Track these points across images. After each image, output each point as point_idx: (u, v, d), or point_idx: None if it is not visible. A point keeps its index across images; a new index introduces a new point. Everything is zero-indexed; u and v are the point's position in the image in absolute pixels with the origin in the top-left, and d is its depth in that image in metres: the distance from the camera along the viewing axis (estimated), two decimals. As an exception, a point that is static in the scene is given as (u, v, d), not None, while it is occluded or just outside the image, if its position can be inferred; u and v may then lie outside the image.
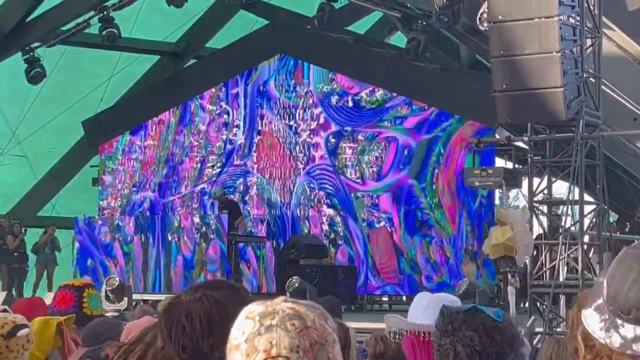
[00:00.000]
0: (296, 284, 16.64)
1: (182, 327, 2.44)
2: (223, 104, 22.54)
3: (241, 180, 22.01)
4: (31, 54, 22.28)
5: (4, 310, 4.21)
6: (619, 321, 2.01)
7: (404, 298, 22.42)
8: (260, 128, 22.01)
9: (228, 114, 22.46)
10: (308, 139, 21.40)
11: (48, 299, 16.19)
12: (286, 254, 20.20)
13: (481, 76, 21.99)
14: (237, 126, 22.31)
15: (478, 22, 13.09)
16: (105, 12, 21.60)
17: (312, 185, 21.25)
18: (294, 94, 21.72)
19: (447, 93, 20.18)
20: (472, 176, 13.76)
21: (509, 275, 12.06)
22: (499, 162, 19.31)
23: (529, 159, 13.45)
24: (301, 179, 21.25)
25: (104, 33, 21.68)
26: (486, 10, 13.26)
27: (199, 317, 2.43)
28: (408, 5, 21.04)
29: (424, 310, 3.62)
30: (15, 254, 22.48)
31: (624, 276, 2.03)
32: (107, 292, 16.92)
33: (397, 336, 3.72)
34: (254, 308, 2.07)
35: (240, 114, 22.29)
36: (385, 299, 22.29)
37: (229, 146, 22.33)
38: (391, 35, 25.75)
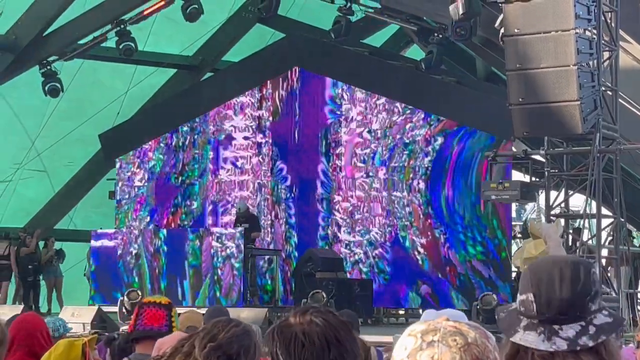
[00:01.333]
0: (322, 299, 16.60)
1: (302, 344, 2.63)
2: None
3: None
4: (48, 67, 22.36)
5: None
6: (556, 327, 2.14)
7: (420, 311, 22.39)
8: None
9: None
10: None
11: (64, 313, 16.25)
12: (302, 268, 20.20)
13: (497, 89, 22.01)
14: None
15: (500, 39, 12.98)
16: (122, 26, 21.68)
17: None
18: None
19: (463, 106, 20.18)
20: (488, 190, 13.72)
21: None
22: (516, 175, 19.29)
23: (546, 173, 13.41)
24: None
25: (120, 46, 21.76)
26: (502, 25, 13.23)
27: (315, 335, 2.63)
28: (424, 18, 21.08)
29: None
30: (30, 266, 22.53)
31: (549, 282, 2.16)
32: (126, 305, 17.01)
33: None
34: (416, 326, 2.19)
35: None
36: (401, 312, 22.24)
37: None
38: (407, 48, 25.77)
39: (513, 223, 21.99)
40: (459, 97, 20.61)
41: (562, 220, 12.80)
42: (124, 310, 17.03)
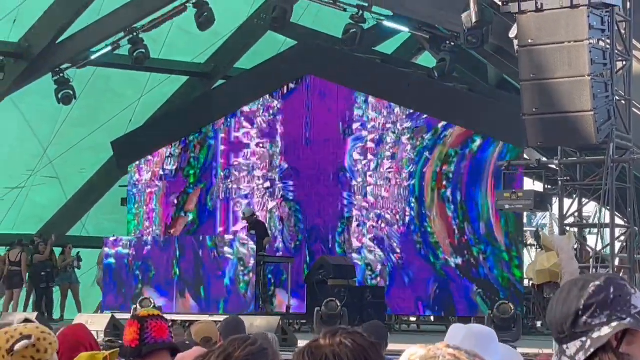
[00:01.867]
0: (337, 307, 16.63)
1: None
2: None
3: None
4: (61, 75, 22.43)
5: (26, 320, 4.15)
6: (564, 346, 2.21)
7: (432, 318, 22.39)
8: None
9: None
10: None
11: (78, 320, 16.30)
12: (315, 275, 20.23)
13: (509, 97, 22.02)
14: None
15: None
16: (134, 34, 21.74)
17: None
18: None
19: (475, 113, 20.21)
20: (502, 199, 13.74)
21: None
22: (527, 183, 19.30)
23: (560, 182, 13.43)
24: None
25: (133, 54, 21.82)
26: (515, 35, 13.27)
27: (345, 356, 2.63)
28: (436, 26, 21.11)
29: (460, 342, 3.62)
30: (42, 273, 22.63)
31: (555, 303, 2.27)
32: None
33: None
34: (416, 351, 2.22)
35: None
36: (413, 319, 22.25)
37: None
38: (419, 55, 25.79)
39: (525, 229, 22.01)
40: (471, 104, 20.64)
41: (575, 233, 12.81)
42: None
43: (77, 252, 23.31)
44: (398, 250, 20.83)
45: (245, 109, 22.62)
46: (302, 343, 15.02)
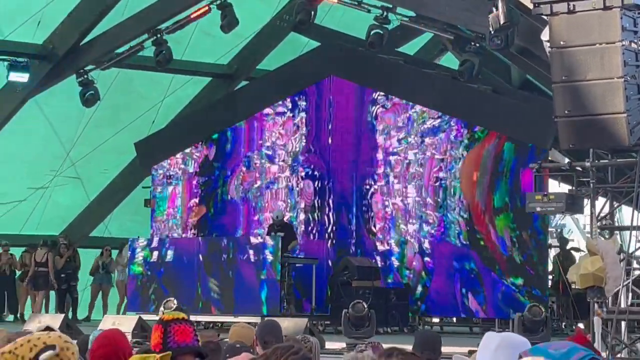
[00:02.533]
0: (364, 309, 16.61)
1: None
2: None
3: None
4: (85, 76, 22.49)
5: (47, 329, 4.12)
6: None
7: (454, 319, 22.38)
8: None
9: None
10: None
11: (105, 322, 16.33)
12: (339, 276, 20.24)
13: (532, 97, 21.99)
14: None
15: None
16: (158, 35, 21.78)
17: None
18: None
19: (499, 114, 20.18)
20: (533, 201, 13.72)
21: (596, 306, 11.96)
22: (553, 185, 19.26)
23: (591, 185, 13.40)
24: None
25: (157, 56, 21.87)
26: (547, 36, 13.23)
27: None
28: (459, 27, 21.09)
29: (493, 351, 3.60)
30: (62, 275, 22.72)
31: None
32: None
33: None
34: None
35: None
36: (436, 320, 22.24)
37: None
38: (441, 56, 25.78)
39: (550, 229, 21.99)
40: (496, 105, 20.61)
41: (619, 237, 12.79)
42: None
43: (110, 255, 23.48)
44: (429, 251, 20.77)
45: (268, 110, 22.61)
46: (329, 345, 15.03)
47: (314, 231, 21.92)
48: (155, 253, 20.71)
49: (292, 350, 3.70)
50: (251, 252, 19.67)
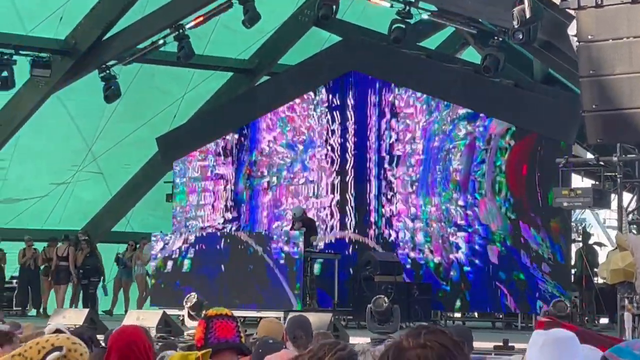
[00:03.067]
0: (384, 305, 16.58)
1: None
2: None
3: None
4: (107, 71, 22.54)
5: (57, 331, 4.15)
6: None
7: (476, 314, 22.35)
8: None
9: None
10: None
11: (129, 317, 16.36)
12: (361, 271, 20.21)
13: (556, 91, 21.90)
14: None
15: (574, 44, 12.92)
16: (180, 31, 21.80)
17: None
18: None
19: (522, 109, 20.09)
20: (560, 196, 13.66)
21: (626, 301, 11.93)
22: (576, 180, 19.20)
23: (619, 180, 13.34)
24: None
25: (179, 51, 21.88)
26: (574, 31, 13.17)
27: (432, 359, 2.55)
28: (481, 21, 21.04)
29: (540, 349, 3.61)
30: (81, 270, 22.82)
31: None
32: (189, 310, 17.11)
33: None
34: None
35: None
36: (457, 315, 22.20)
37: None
38: (462, 50, 25.71)
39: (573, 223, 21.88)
40: (519, 100, 20.53)
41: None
42: (187, 315, 17.17)
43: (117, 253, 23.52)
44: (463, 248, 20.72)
45: (290, 104, 22.61)
46: (353, 340, 15.05)
47: (338, 225, 21.93)
48: (178, 247, 20.73)
49: (339, 346, 3.70)
50: (274, 246, 19.66)
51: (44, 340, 3.91)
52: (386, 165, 21.51)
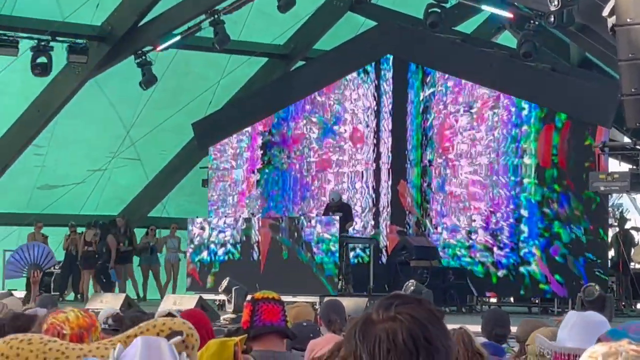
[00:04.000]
0: (412, 287, 16.63)
1: (387, 349, 2.33)
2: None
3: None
4: (143, 58, 22.62)
5: (168, 315, 4.17)
6: None
7: (512, 299, 22.28)
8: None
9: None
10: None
11: (166, 302, 16.42)
12: (397, 256, 20.22)
13: (592, 75, 21.76)
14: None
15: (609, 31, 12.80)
16: (215, 16, 21.81)
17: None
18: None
19: (559, 93, 19.97)
20: (597, 181, 13.58)
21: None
22: (613, 164, 19.05)
23: (658, 163, 13.24)
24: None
25: (214, 36, 21.91)
26: (612, 14, 13.06)
27: (401, 336, 2.32)
28: (517, 4, 20.90)
29: (569, 330, 3.58)
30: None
31: None
32: (226, 297, 17.19)
33: (547, 355, 3.70)
34: (598, 348, 2.17)
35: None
36: (493, 300, 22.14)
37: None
38: (498, 34, 25.57)
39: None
40: (555, 84, 20.39)
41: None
42: (225, 299, 17.28)
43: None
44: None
45: (325, 89, 22.60)
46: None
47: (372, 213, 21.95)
48: (214, 233, 20.83)
49: None
50: (308, 231, 19.70)
51: (161, 324, 3.91)
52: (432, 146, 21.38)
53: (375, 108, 22.06)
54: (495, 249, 20.49)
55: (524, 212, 20.09)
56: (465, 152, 20.94)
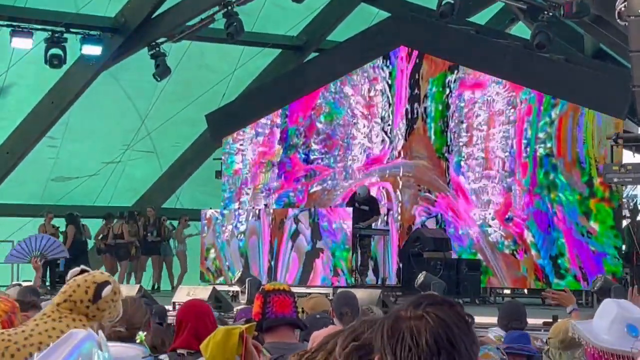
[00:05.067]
0: (422, 279, 16.63)
1: (408, 347, 2.35)
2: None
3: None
4: (157, 49, 22.65)
5: (82, 272, 4.25)
6: None
7: (525, 291, 22.23)
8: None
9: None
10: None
11: (180, 293, 16.47)
12: (410, 247, 20.20)
13: (606, 66, 21.68)
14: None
15: (617, 18, 12.81)
16: (229, 7, 21.81)
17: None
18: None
19: (573, 84, 19.91)
20: (610, 172, 13.55)
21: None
22: (627, 155, 19.00)
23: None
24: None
25: (227, 28, 21.91)
26: (624, 4, 13.03)
27: (424, 336, 2.34)
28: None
29: (609, 325, 3.48)
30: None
31: None
32: (239, 288, 17.28)
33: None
34: None
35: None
36: (507, 291, 22.10)
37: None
38: (512, 25, 25.51)
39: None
40: (569, 75, 20.33)
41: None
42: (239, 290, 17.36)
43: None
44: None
45: (339, 80, 22.58)
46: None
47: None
48: (227, 224, 20.88)
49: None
50: (324, 222, 19.72)
51: (83, 281, 4.03)
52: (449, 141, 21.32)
53: (388, 101, 22.01)
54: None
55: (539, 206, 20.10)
56: (480, 146, 20.89)
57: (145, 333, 4.80)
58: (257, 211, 21.34)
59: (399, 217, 21.76)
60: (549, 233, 19.96)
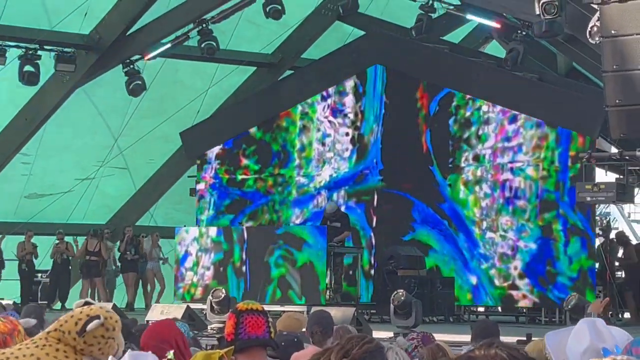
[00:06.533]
0: (402, 298, 16.59)
1: None
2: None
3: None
4: (131, 66, 22.63)
5: (86, 303, 4.25)
6: None
7: (499, 309, 22.30)
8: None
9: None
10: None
11: (153, 311, 16.39)
12: (385, 265, 20.23)
13: (580, 85, 21.83)
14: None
15: (588, 36, 12.94)
16: (204, 25, 21.85)
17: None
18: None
19: (545, 103, 20.04)
20: (583, 191, 13.63)
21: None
22: (599, 174, 19.12)
23: (643, 174, 13.29)
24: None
25: (202, 45, 21.93)
26: (597, 24, 13.12)
27: None
28: (505, 15, 20.99)
29: (582, 352, 3.39)
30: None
31: None
32: (213, 304, 17.18)
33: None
34: None
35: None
36: (481, 309, 22.17)
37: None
38: (486, 44, 25.68)
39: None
40: (542, 94, 20.46)
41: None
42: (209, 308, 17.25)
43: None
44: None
45: (312, 100, 22.63)
46: (375, 334, 15.06)
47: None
48: (204, 241, 20.82)
49: (366, 339, 3.73)
50: (298, 241, 19.70)
51: (78, 312, 4.00)
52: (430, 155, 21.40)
53: (362, 118, 22.06)
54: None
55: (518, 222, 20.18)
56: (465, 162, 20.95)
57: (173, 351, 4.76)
58: (235, 229, 21.32)
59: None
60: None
